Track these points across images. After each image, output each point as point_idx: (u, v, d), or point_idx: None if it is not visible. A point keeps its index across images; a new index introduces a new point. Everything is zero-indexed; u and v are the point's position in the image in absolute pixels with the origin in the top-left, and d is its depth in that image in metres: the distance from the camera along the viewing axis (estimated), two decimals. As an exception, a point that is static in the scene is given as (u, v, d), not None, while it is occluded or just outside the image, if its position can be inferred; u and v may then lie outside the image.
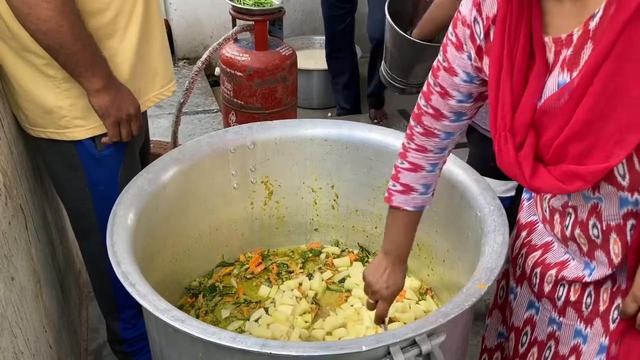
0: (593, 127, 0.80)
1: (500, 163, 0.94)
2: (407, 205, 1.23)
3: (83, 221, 1.60)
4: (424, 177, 1.20)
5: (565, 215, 1.01)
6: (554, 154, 0.87)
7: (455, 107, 1.07)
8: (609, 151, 0.80)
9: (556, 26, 0.85)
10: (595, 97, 0.78)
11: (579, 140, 0.83)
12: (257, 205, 1.80)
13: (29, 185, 1.56)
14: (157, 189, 1.48)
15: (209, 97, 3.75)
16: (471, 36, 0.98)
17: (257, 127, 1.72)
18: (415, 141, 1.16)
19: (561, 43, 0.85)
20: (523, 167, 0.90)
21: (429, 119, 1.11)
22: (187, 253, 1.68)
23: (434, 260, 1.69)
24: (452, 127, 1.11)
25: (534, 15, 0.86)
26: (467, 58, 1.01)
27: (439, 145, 1.15)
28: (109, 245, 1.24)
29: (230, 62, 2.67)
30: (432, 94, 1.08)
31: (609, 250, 0.96)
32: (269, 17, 2.63)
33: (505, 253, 1.25)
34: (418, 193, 1.21)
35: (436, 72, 1.06)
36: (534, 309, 1.15)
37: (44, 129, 1.43)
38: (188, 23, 4.12)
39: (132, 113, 1.42)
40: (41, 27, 1.23)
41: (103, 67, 1.34)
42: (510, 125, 0.90)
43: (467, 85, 1.04)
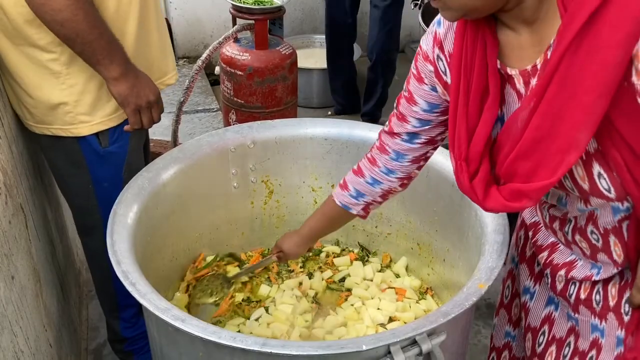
0: (539, 145, 0.84)
1: (459, 188, 1.01)
2: (337, 198, 1.32)
3: (86, 218, 1.60)
4: (360, 183, 1.27)
5: (566, 222, 1.04)
6: (505, 172, 0.92)
7: (411, 130, 1.13)
8: (553, 169, 0.84)
9: (519, 58, 0.89)
10: (541, 117, 0.82)
11: (526, 158, 0.87)
12: (258, 204, 1.80)
13: (29, 184, 1.56)
14: (158, 188, 1.48)
15: (209, 96, 3.74)
16: (436, 73, 1.03)
17: (258, 126, 1.72)
18: (372, 152, 1.24)
19: (528, 74, 0.88)
20: (477, 192, 0.96)
21: (385, 136, 1.19)
22: (187, 252, 1.68)
23: (434, 259, 1.69)
24: (403, 148, 1.17)
25: (488, 48, 0.90)
26: (429, 89, 1.06)
27: (386, 165, 1.21)
28: (109, 245, 1.24)
29: (230, 61, 2.67)
30: (393, 116, 1.16)
31: (610, 252, 0.98)
32: (269, 16, 2.63)
33: (505, 252, 1.25)
34: (348, 193, 1.29)
35: (399, 100, 1.14)
36: (553, 305, 1.16)
37: (49, 125, 1.43)
38: (188, 22, 4.12)
39: (152, 100, 1.41)
40: (57, 17, 1.23)
41: (120, 54, 1.34)
42: (466, 154, 0.95)
43: (425, 114, 1.10)
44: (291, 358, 1.03)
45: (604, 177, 0.86)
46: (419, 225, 1.71)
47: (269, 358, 1.05)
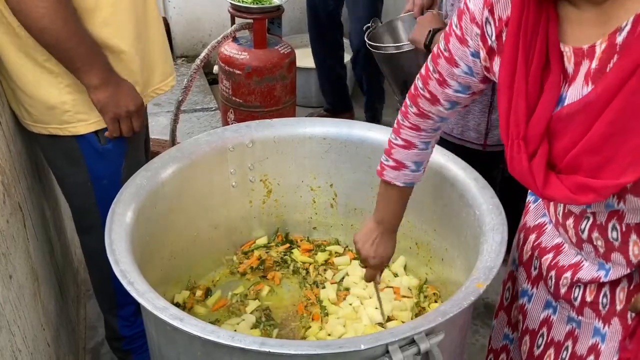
0: (611, 141, 0.79)
1: (512, 170, 0.94)
2: (398, 181, 1.26)
3: (85, 217, 1.61)
4: (416, 154, 1.23)
5: (582, 219, 1.00)
6: (568, 164, 0.86)
7: (452, 97, 1.08)
8: (623, 167, 0.79)
9: (575, 35, 0.84)
10: (616, 112, 0.78)
11: (594, 153, 0.82)
12: (256, 203, 1.80)
13: (27, 183, 1.55)
14: (156, 187, 1.48)
15: (208, 95, 3.74)
16: (482, 36, 0.97)
17: (256, 125, 1.71)
18: (410, 120, 1.18)
19: (582, 54, 0.83)
20: (535, 176, 0.89)
21: (425, 102, 1.13)
22: (186, 251, 1.68)
23: (433, 258, 1.69)
24: (447, 114, 1.13)
25: (550, 23, 0.85)
26: (470, 54, 1.00)
27: (432, 127, 1.18)
28: (107, 244, 1.23)
29: (229, 60, 2.67)
30: (430, 79, 1.09)
31: (627, 251, 0.95)
32: (267, 16, 2.63)
33: (503, 252, 1.25)
34: (409, 170, 1.25)
35: (436, 59, 1.06)
36: (551, 308, 1.15)
37: (47, 124, 1.43)
38: (187, 21, 4.11)
39: (132, 110, 1.42)
40: (35, 25, 1.25)
41: (101, 63, 1.35)
42: (524, 133, 0.89)
43: (467, 77, 1.04)
44: (290, 357, 1.03)
45: None
46: (417, 224, 1.71)
47: (267, 357, 1.05)
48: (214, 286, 1.76)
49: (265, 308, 1.67)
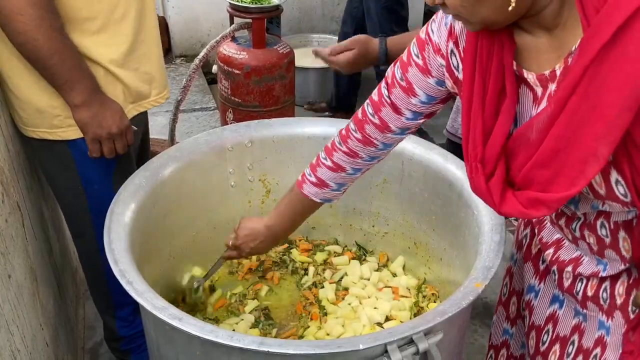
0: (559, 155, 0.83)
1: (473, 189, 0.98)
2: (316, 197, 1.29)
3: (77, 220, 1.60)
4: (341, 177, 1.24)
5: (573, 219, 1.03)
6: (522, 180, 0.90)
7: (405, 124, 1.10)
8: (572, 179, 0.83)
9: (536, 62, 0.88)
10: (562, 127, 0.81)
11: (545, 167, 0.85)
12: (255, 203, 1.80)
13: (26, 183, 1.55)
14: (155, 187, 1.48)
15: (207, 95, 3.74)
16: (447, 67, 0.99)
17: (255, 125, 1.71)
18: (349, 145, 1.18)
19: (546, 79, 0.87)
20: (493, 195, 0.93)
21: (372, 129, 1.13)
22: (185, 251, 1.68)
23: (431, 258, 1.70)
24: (394, 140, 1.15)
25: (505, 51, 0.88)
26: (434, 83, 1.03)
27: (371, 155, 1.18)
28: (106, 243, 1.23)
29: (227, 60, 2.67)
30: (383, 106, 1.09)
31: (619, 248, 0.98)
32: (266, 15, 2.63)
33: (502, 251, 1.25)
34: (330, 189, 1.27)
35: (391, 88, 1.07)
36: (557, 303, 1.16)
37: (36, 128, 1.42)
38: (185, 20, 4.11)
39: (115, 132, 1.39)
40: (17, 39, 1.23)
41: (84, 82, 1.32)
42: (481, 155, 0.93)
43: (423, 106, 1.06)
44: (288, 357, 1.03)
45: (621, 184, 0.85)
46: (415, 224, 1.71)
47: (266, 357, 1.05)
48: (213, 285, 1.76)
49: (264, 308, 1.67)
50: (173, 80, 3.77)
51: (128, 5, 1.40)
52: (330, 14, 4.35)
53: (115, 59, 1.41)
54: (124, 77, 1.43)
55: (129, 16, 1.41)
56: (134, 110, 1.51)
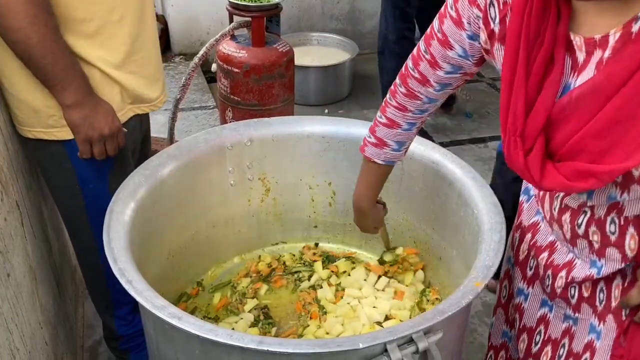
0: (617, 126, 0.79)
1: (510, 164, 0.94)
2: (378, 158, 1.29)
3: (74, 219, 1.59)
4: (399, 134, 1.24)
5: (579, 214, 1.00)
6: (570, 149, 0.85)
7: (443, 78, 1.08)
8: (628, 153, 0.79)
9: (588, 24, 0.82)
10: (625, 99, 0.77)
11: (600, 137, 0.81)
12: (254, 202, 1.80)
13: (25, 182, 1.55)
14: (154, 186, 1.48)
15: (206, 94, 3.74)
16: (484, 19, 0.95)
17: (254, 123, 1.71)
18: (397, 99, 1.19)
19: (594, 44, 0.82)
20: (532, 170, 0.89)
21: (414, 83, 1.13)
22: (184, 250, 1.67)
23: (431, 257, 1.70)
24: (436, 95, 1.14)
25: (562, 15, 0.83)
26: (466, 37, 0.99)
27: (419, 108, 1.18)
28: (105, 242, 1.23)
29: (227, 59, 2.66)
30: (421, 60, 1.09)
31: (623, 245, 0.95)
32: (266, 14, 2.63)
33: (502, 251, 1.25)
34: (390, 149, 1.27)
35: (429, 40, 1.06)
36: (547, 307, 1.15)
37: (32, 128, 1.42)
38: (185, 19, 4.10)
39: (106, 134, 1.38)
40: (10, 37, 1.22)
41: (77, 83, 1.32)
42: (522, 129, 0.89)
43: (460, 60, 1.04)
44: (288, 356, 1.03)
45: None
46: (415, 223, 1.71)
47: (265, 356, 1.05)
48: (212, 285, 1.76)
49: (263, 307, 1.67)
50: (172, 79, 3.76)
51: (126, 9, 1.40)
52: (330, 12, 4.35)
53: (112, 62, 1.40)
54: (121, 80, 1.43)
55: (127, 19, 1.40)
56: (130, 112, 1.51)
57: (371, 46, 4.54)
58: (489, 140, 3.42)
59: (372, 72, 4.20)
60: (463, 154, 3.24)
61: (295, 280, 1.77)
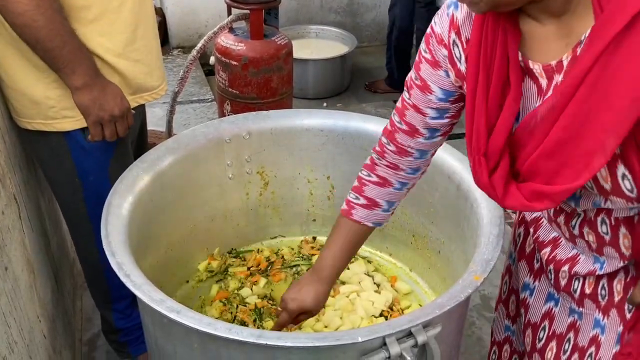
0: (565, 146, 0.82)
1: (476, 183, 0.97)
2: (368, 221, 1.21)
3: (73, 212, 1.59)
4: (390, 193, 1.19)
5: (573, 216, 1.02)
6: (527, 170, 0.89)
7: (430, 124, 1.07)
8: (577, 172, 0.81)
9: (543, 52, 0.85)
10: (569, 118, 0.80)
11: (550, 158, 0.84)
12: (253, 195, 1.79)
13: (23, 175, 1.54)
14: (152, 179, 1.47)
15: (204, 87, 3.73)
16: (450, 58, 0.98)
17: (253, 117, 1.71)
18: (387, 159, 1.16)
19: (552, 70, 0.85)
20: (496, 188, 0.92)
21: (403, 136, 1.11)
22: (182, 243, 1.67)
23: (430, 251, 1.70)
24: (426, 145, 1.12)
25: (509, 40, 0.86)
26: (444, 75, 1.01)
27: (411, 165, 1.15)
28: (103, 236, 1.23)
29: (225, 51, 2.65)
30: (406, 109, 1.08)
31: (618, 245, 0.96)
32: (264, 6, 2.61)
33: (500, 244, 1.25)
34: (381, 209, 1.21)
35: (410, 90, 1.06)
36: (552, 301, 1.15)
37: (31, 119, 1.41)
38: (183, 11, 4.09)
39: (117, 115, 1.38)
40: (16, 21, 1.21)
41: (85, 65, 1.31)
42: (485, 149, 0.92)
43: (442, 103, 1.04)
44: (286, 349, 1.03)
45: (628, 178, 0.84)
46: (414, 216, 1.71)
47: (264, 350, 1.05)
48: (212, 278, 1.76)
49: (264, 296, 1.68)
50: (170, 72, 3.75)
51: None
52: (329, 5, 4.33)
53: (112, 49, 1.39)
54: (122, 68, 1.42)
55: (126, 7, 1.40)
56: (133, 102, 1.50)
57: (370, 39, 4.54)
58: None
59: (371, 65, 4.20)
60: (461, 146, 3.23)
61: (294, 274, 1.77)
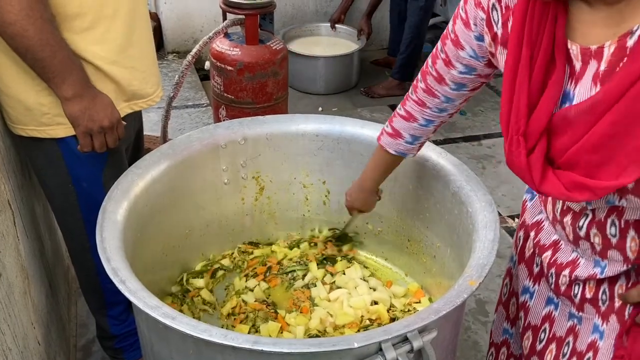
0: (611, 141, 0.80)
1: (510, 165, 0.94)
2: (390, 148, 1.34)
3: (68, 218, 1.58)
4: (414, 128, 1.27)
5: (581, 216, 1.00)
6: (567, 161, 0.87)
7: (457, 78, 1.11)
8: (622, 168, 0.79)
9: (584, 34, 0.84)
10: (619, 114, 0.78)
11: (594, 152, 0.82)
12: (248, 200, 1.79)
13: (17, 181, 1.54)
14: (147, 185, 1.47)
15: (199, 91, 3.72)
16: (487, 21, 0.98)
17: (248, 122, 1.71)
18: (418, 94, 1.22)
19: (589, 54, 0.83)
20: (533, 171, 0.90)
21: (432, 81, 1.17)
22: (178, 248, 1.67)
23: (425, 255, 1.70)
24: (453, 95, 1.16)
25: (558, 19, 0.84)
26: (474, 38, 1.02)
27: (438, 106, 1.20)
28: (98, 242, 1.22)
29: (220, 56, 2.65)
30: (437, 58, 1.13)
31: (624, 247, 0.95)
32: (259, 12, 2.62)
33: (496, 249, 1.25)
34: (404, 141, 1.30)
35: (444, 40, 1.09)
36: (552, 305, 1.15)
37: (25, 126, 1.40)
38: (178, 16, 4.09)
39: (106, 126, 1.37)
40: (6, 30, 1.20)
41: (75, 75, 1.31)
42: (524, 129, 0.89)
43: (472, 60, 1.06)
44: (282, 356, 1.03)
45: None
46: (409, 221, 1.71)
47: (260, 356, 1.05)
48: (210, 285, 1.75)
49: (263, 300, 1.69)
50: (165, 77, 3.75)
51: (118, 3, 1.39)
52: (323, 10, 4.35)
53: (106, 57, 1.39)
54: (116, 75, 1.42)
55: (120, 14, 1.39)
56: (128, 109, 1.49)
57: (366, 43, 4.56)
58: (482, 139, 3.43)
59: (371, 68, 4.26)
60: (457, 151, 3.25)
61: (290, 279, 1.77)
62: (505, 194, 2.91)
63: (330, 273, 1.77)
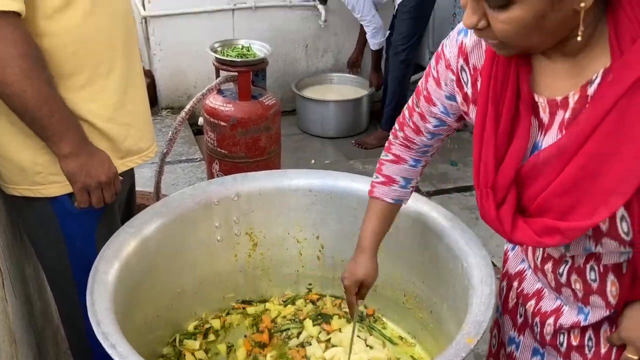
0: (582, 184, 0.82)
1: (482, 217, 0.97)
2: (387, 197, 1.32)
3: (59, 278, 1.56)
4: (405, 170, 1.29)
5: (561, 263, 1.02)
6: (538, 207, 0.89)
7: (432, 130, 1.17)
8: (593, 209, 0.82)
9: (548, 86, 0.88)
10: (587, 157, 0.81)
11: (565, 195, 0.84)
12: (242, 257, 1.78)
13: (7, 240, 1.52)
14: (140, 244, 1.45)
15: (193, 146, 3.75)
16: (457, 82, 1.02)
17: (241, 178, 1.71)
18: (400, 139, 1.26)
19: (556, 105, 0.87)
20: (503, 222, 0.92)
21: (410, 132, 1.22)
22: (170, 308, 1.64)
23: (421, 310, 1.67)
24: (429, 143, 1.22)
25: (521, 75, 0.88)
26: (445, 97, 1.07)
27: (420, 149, 1.25)
28: (89, 304, 1.20)
29: (214, 112, 2.68)
30: (414, 111, 1.18)
31: (605, 292, 0.96)
32: (252, 69, 2.67)
33: (493, 304, 1.24)
34: (398, 185, 1.31)
35: (419, 95, 1.14)
36: (538, 355, 1.14)
37: (18, 185, 1.40)
38: (172, 73, 4.15)
39: (104, 181, 1.38)
40: (5, 90, 1.21)
41: (73, 133, 1.31)
42: (493, 182, 0.92)
43: (443, 115, 1.11)
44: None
45: (626, 221, 0.84)
46: (405, 276, 1.69)
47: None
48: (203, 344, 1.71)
49: None
50: (159, 132, 3.78)
51: (113, 61, 1.41)
52: (315, 66, 4.44)
53: (102, 114, 1.40)
54: (111, 132, 1.43)
55: (115, 72, 1.41)
56: (123, 167, 1.49)
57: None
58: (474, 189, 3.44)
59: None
60: (449, 202, 3.25)
61: (284, 338, 1.73)
62: (499, 244, 2.89)
63: (326, 331, 1.73)
